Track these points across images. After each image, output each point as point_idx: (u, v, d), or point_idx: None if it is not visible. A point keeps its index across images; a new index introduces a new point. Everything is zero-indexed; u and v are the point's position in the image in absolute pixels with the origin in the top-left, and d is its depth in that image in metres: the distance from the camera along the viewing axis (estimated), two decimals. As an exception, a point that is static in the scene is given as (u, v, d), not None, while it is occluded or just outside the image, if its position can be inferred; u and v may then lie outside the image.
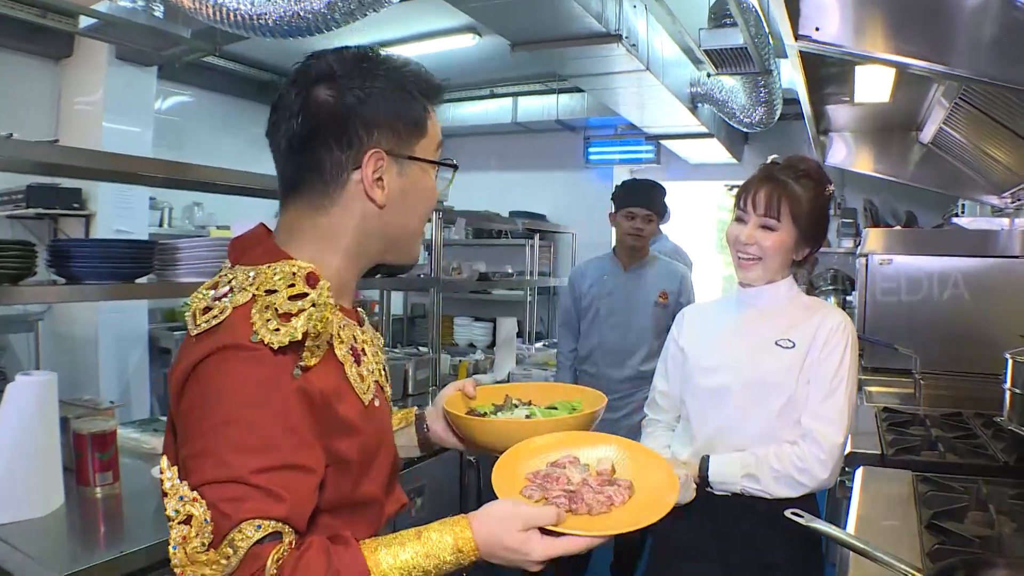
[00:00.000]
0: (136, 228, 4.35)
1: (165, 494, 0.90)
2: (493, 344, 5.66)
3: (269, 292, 0.96)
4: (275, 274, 0.98)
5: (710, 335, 1.83)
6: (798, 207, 1.67)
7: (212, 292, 0.99)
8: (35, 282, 1.83)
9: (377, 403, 1.09)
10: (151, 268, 2.12)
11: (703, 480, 1.70)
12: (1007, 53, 1.86)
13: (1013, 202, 3.77)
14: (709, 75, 4.50)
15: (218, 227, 4.82)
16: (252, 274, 0.99)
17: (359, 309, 1.17)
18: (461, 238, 6.36)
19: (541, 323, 6.07)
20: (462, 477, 3.00)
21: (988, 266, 3.43)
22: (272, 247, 1.05)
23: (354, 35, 4.71)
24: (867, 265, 3.67)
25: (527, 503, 1.00)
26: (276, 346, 0.92)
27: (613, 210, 3.20)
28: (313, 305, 0.95)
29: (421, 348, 4.07)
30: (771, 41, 3.52)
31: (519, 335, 5.07)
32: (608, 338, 3.19)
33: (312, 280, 0.99)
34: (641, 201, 3.11)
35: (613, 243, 3.37)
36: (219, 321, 0.95)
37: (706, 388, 1.77)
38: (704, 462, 1.71)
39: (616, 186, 3.28)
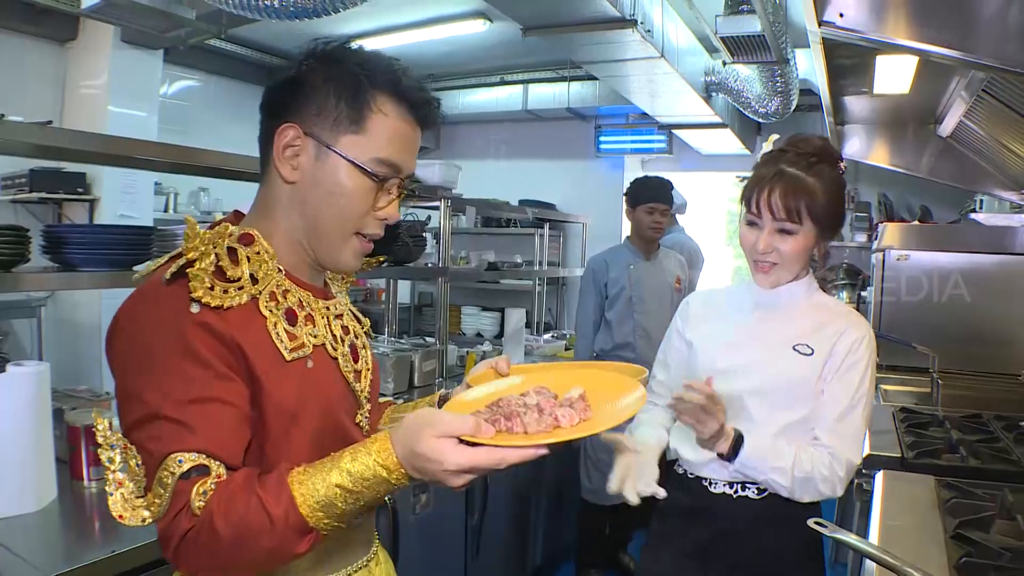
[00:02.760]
0: (141, 214, 4.29)
1: (99, 445, 0.92)
2: (500, 334, 5.61)
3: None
4: (216, 236, 1.01)
5: (723, 335, 1.70)
6: (816, 203, 1.53)
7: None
8: (28, 269, 1.77)
9: (310, 364, 1.05)
10: (150, 254, 2.05)
11: (733, 451, 1.50)
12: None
13: (1033, 198, 3.70)
14: (724, 64, 4.41)
15: (224, 213, 4.73)
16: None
17: (330, 286, 1.21)
18: (470, 227, 6.29)
19: (550, 314, 6.01)
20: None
21: (1009, 263, 3.36)
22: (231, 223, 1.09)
23: (362, 19, 4.67)
24: (883, 260, 3.60)
25: (450, 415, 0.93)
26: (168, 276, 0.94)
27: (628, 206, 3.44)
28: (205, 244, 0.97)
29: (428, 339, 4.01)
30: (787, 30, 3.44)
31: (527, 326, 5.02)
32: (643, 323, 3.41)
33: (246, 239, 1.04)
34: (660, 197, 3.37)
35: (624, 234, 3.62)
36: (149, 271, 1.02)
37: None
38: (739, 438, 1.51)
39: (631, 183, 3.49)
